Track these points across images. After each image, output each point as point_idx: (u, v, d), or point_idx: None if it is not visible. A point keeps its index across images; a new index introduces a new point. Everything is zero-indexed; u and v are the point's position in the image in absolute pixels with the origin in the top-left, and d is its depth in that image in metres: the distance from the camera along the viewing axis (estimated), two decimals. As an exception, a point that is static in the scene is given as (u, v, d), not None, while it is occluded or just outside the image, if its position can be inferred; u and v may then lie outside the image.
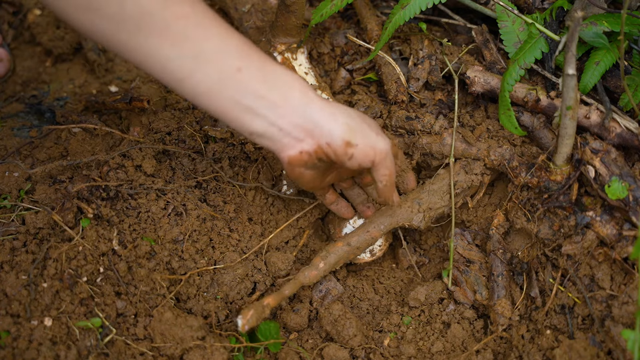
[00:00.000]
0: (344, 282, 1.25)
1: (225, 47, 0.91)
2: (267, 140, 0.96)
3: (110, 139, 1.24)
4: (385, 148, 1.00)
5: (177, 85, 0.92)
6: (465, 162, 1.20)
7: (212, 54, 0.90)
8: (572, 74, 0.95)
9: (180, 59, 0.89)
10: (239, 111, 0.93)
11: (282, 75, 0.95)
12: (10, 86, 1.40)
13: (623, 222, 1.06)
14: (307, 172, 1.01)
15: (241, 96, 0.92)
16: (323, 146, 0.96)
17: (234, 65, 0.91)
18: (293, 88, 0.95)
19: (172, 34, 0.88)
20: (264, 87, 0.92)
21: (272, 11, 1.33)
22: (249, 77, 0.92)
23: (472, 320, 1.18)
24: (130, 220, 1.13)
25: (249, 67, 0.92)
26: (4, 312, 1.00)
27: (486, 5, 1.29)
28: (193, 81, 0.90)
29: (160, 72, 0.91)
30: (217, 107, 0.93)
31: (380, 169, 1.02)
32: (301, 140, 0.95)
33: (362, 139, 0.97)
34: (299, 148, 0.96)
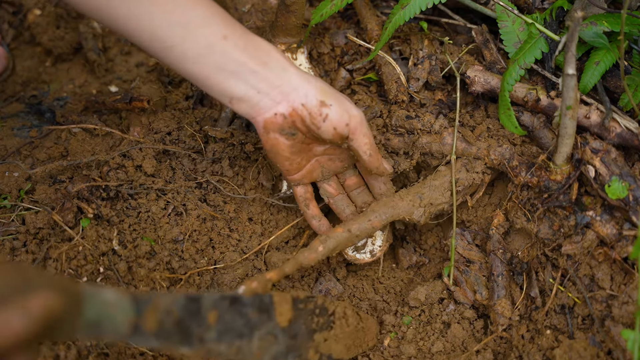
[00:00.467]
0: (344, 282, 1.25)
1: (212, 15, 0.96)
2: (246, 104, 0.99)
3: (110, 139, 1.24)
4: (359, 113, 1.04)
5: (166, 53, 0.95)
6: (466, 160, 1.20)
7: (201, 22, 0.94)
8: (572, 73, 0.95)
9: (170, 27, 0.92)
10: (223, 77, 0.97)
11: (262, 44, 1.00)
12: (10, 86, 1.39)
13: (623, 222, 1.06)
14: (282, 141, 1.03)
15: (226, 62, 0.96)
16: (298, 109, 0.99)
17: (221, 33, 0.95)
18: (271, 56, 0.99)
19: (161, 2, 0.92)
20: (246, 54, 0.96)
21: (272, 11, 1.33)
22: (234, 44, 0.96)
23: (472, 320, 1.18)
24: (130, 220, 1.13)
25: (233, 35, 0.96)
26: (4, 312, 1.00)
27: (486, 5, 1.29)
28: (182, 48, 0.94)
29: (149, 40, 0.94)
30: (202, 73, 0.96)
31: (358, 136, 1.04)
32: (277, 103, 0.99)
33: (335, 101, 1.01)
34: (274, 110, 0.99)
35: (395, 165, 1.23)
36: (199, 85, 1.00)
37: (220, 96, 1.00)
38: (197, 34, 0.94)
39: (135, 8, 0.91)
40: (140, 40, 0.94)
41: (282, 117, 1.00)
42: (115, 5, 0.90)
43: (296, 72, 1.00)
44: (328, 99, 1.00)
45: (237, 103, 1.00)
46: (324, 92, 1.01)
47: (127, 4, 0.90)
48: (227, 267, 1.16)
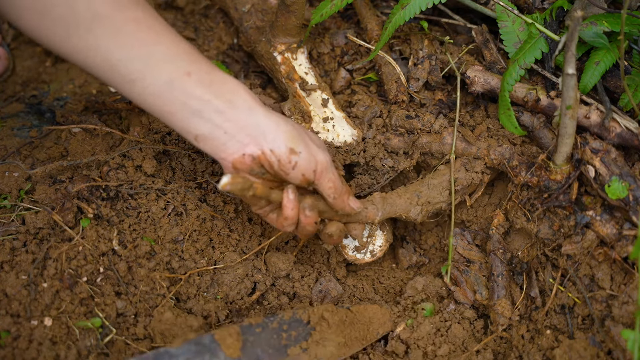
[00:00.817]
0: (344, 282, 1.25)
1: (176, 51, 0.93)
2: (212, 143, 0.96)
3: (110, 139, 1.24)
4: (325, 159, 1.02)
5: (127, 87, 0.93)
6: (466, 159, 1.20)
7: (163, 57, 0.92)
8: (572, 73, 0.95)
9: (131, 62, 0.90)
10: (186, 114, 0.94)
11: (229, 82, 0.97)
12: (10, 86, 1.39)
13: (623, 222, 1.06)
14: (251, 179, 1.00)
15: (189, 99, 0.93)
16: (267, 153, 0.97)
17: (184, 69, 0.93)
18: (238, 94, 0.97)
19: (123, 36, 0.90)
20: (210, 92, 0.94)
21: (272, 11, 1.33)
22: (198, 81, 0.93)
23: (472, 320, 1.18)
24: (130, 220, 1.13)
25: (197, 72, 0.94)
26: (4, 312, 1.00)
27: (486, 5, 1.29)
28: (144, 83, 0.92)
29: (109, 74, 0.92)
30: (165, 110, 0.94)
31: (323, 181, 1.02)
32: (246, 145, 0.96)
33: (304, 148, 0.99)
34: (242, 151, 0.97)
35: (395, 165, 1.23)
36: (163, 121, 0.97)
37: (184, 133, 0.97)
38: (159, 69, 0.91)
39: (95, 41, 0.89)
40: (100, 73, 0.92)
41: (250, 158, 0.97)
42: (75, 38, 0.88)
43: (264, 113, 0.97)
44: (297, 145, 0.98)
45: (202, 141, 0.97)
46: (293, 139, 0.98)
47: (86, 36, 0.88)
48: (227, 267, 1.16)
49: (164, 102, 0.93)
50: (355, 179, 1.25)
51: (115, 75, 0.91)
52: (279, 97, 1.34)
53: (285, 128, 0.98)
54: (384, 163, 1.23)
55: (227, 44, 1.44)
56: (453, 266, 1.20)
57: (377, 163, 1.23)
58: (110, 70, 0.91)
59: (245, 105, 0.96)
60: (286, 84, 1.26)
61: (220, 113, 0.95)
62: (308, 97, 1.25)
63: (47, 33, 0.89)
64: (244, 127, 0.96)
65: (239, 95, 0.97)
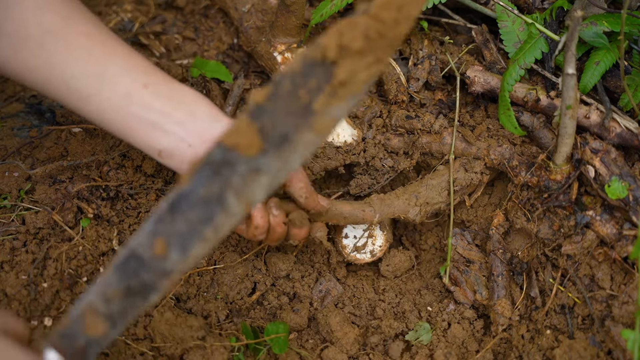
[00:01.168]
0: (344, 282, 1.25)
1: (131, 64, 0.91)
2: (177, 158, 0.93)
3: (110, 139, 1.24)
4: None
5: (84, 104, 0.90)
6: (465, 160, 1.20)
7: (119, 71, 0.90)
8: (572, 73, 0.95)
9: (85, 77, 0.88)
10: (147, 128, 0.91)
11: (188, 93, 0.94)
12: (10, 86, 1.39)
13: (623, 222, 1.06)
14: None
15: (148, 113, 0.90)
16: None
17: (141, 82, 0.90)
18: (199, 105, 0.93)
19: (75, 51, 0.88)
20: (170, 104, 0.91)
21: (272, 11, 1.33)
22: (156, 93, 0.90)
23: (472, 320, 1.18)
24: (130, 220, 1.13)
25: (155, 84, 0.91)
26: (4, 312, 1.00)
27: (486, 5, 1.29)
28: (100, 99, 0.89)
29: (65, 91, 0.89)
30: (125, 126, 0.91)
31: (294, 182, 1.01)
32: None
33: None
34: None
35: (395, 165, 1.23)
36: (124, 139, 0.94)
37: (147, 149, 0.93)
38: (115, 83, 0.89)
39: (48, 57, 0.87)
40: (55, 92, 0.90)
41: None
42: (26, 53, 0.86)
43: (226, 122, 0.94)
44: None
45: (166, 157, 0.93)
46: None
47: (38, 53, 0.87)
48: (227, 267, 1.16)
49: (122, 118, 0.90)
50: (355, 179, 1.25)
51: (71, 93, 0.89)
52: (279, 97, 1.33)
53: None
54: (383, 163, 1.23)
55: (227, 44, 1.44)
56: (453, 266, 1.20)
57: (377, 163, 1.23)
58: (66, 88, 0.89)
59: (207, 116, 0.93)
60: (286, 84, 1.26)
61: (181, 125, 0.91)
62: (308, 97, 1.25)
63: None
64: (208, 139, 0.92)
65: (200, 106, 0.93)
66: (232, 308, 1.16)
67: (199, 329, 1.06)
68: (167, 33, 1.43)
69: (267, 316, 1.19)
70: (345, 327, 1.15)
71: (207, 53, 1.42)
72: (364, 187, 1.24)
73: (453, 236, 1.23)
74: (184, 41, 1.42)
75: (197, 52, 1.41)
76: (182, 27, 1.46)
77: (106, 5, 1.44)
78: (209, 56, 1.41)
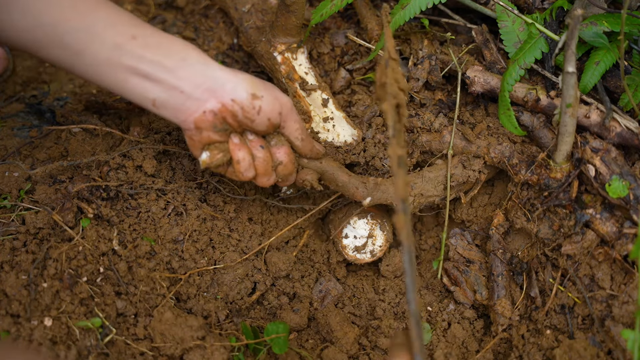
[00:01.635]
0: (344, 282, 1.25)
1: (118, 17, 0.93)
2: (171, 107, 0.95)
3: (111, 139, 1.24)
4: (288, 100, 1.01)
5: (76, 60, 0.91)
6: (464, 156, 1.20)
7: (106, 23, 0.91)
8: (572, 71, 0.96)
9: (75, 32, 0.89)
10: (139, 79, 0.93)
11: (176, 41, 0.96)
12: (10, 86, 1.39)
13: (623, 220, 1.06)
14: (216, 137, 0.99)
15: (139, 63, 0.92)
16: (228, 104, 0.95)
17: (129, 33, 0.92)
18: (188, 52, 0.95)
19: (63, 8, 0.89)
20: (160, 53, 0.93)
21: (272, 11, 1.33)
22: (145, 44, 0.92)
23: (472, 320, 1.18)
24: (130, 220, 1.13)
25: (143, 35, 0.93)
26: (4, 312, 1.00)
27: (486, 5, 1.29)
28: (91, 52, 0.90)
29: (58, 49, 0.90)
30: (118, 78, 0.93)
31: (289, 123, 1.01)
32: (205, 100, 0.95)
33: (266, 91, 0.97)
34: (202, 108, 0.95)
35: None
36: (119, 93, 0.95)
37: (141, 100, 0.95)
38: (103, 36, 0.90)
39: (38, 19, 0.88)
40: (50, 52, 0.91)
41: (212, 114, 0.95)
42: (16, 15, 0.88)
43: (219, 66, 0.96)
44: (259, 90, 0.96)
45: (160, 106, 0.95)
46: (253, 84, 0.97)
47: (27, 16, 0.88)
48: (227, 267, 1.16)
49: (115, 70, 0.92)
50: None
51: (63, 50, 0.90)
52: (279, 97, 1.34)
53: (243, 76, 0.97)
54: (384, 162, 1.23)
55: (227, 44, 1.44)
56: (453, 266, 1.20)
57: (377, 162, 1.23)
58: (57, 46, 0.90)
59: (199, 61, 0.95)
60: (286, 84, 1.26)
61: (173, 73, 0.93)
62: (308, 97, 1.25)
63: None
64: (201, 83, 0.94)
65: (189, 52, 0.95)
66: (232, 308, 1.16)
67: (199, 329, 1.06)
68: (167, 33, 1.43)
69: (267, 316, 1.19)
70: (345, 327, 1.15)
71: (207, 53, 1.42)
72: (364, 187, 1.24)
73: (453, 236, 1.23)
74: (184, 41, 1.42)
75: (197, 52, 1.41)
76: (182, 27, 1.45)
77: (106, 6, 1.44)
78: (209, 56, 1.41)
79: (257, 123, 0.98)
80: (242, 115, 0.97)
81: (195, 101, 0.95)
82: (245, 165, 1.01)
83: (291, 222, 1.25)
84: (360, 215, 1.22)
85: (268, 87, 0.99)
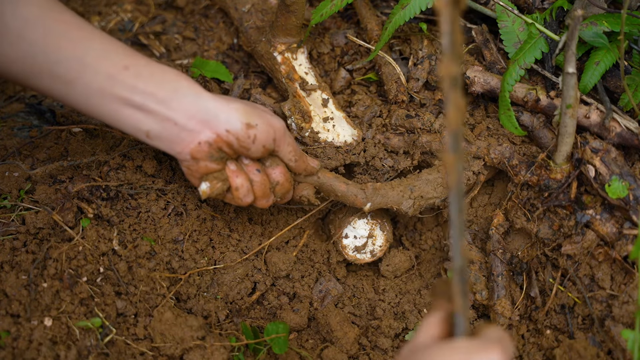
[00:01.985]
0: (344, 282, 1.25)
1: (110, 46, 0.93)
2: (166, 139, 0.95)
3: (110, 139, 1.24)
4: (280, 124, 1.01)
5: (68, 90, 0.91)
6: (464, 157, 1.20)
7: (99, 53, 0.91)
8: (572, 72, 0.96)
9: (67, 61, 0.89)
10: (132, 110, 0.93)
11: (169, 71, 0.95)
12: (10, 86, 1.39)
13: (623, 221, 1.06)
14: (213, 166, 0.99)
15: (132, 94, 0.92)
16: (222, 135, 0.95)
17: (121, 63, 0.91)
18: (180, 82, 0.95)
19: (55, 37, 0.89)
20: (152, 83, 0.92)
21: (272, 11, 1.33)
22: (137, 74, 0.92)
23: (472, 320, 1.18)
24: (130, 220, 1.13)
25: (136, 65, 0.92)
26: (4, 312, 1.00)
27: (486, 5, 1.29)
28: (83, 82, 0.90)
29: (49, 79, 0.90)
30: (110, 109, 0.92)
31: (283, 146, 1.02)
32: (199, 132, 0.95)
33: (259, 119, 0.98)
34: (197, 139, 0.95)
35: (395, 164, 1.23)
36: (112, 124, 0.95)
37: (135, 132, 0.95)
38: (96, 66, 0.90)
39: (29, 48, 0.88)
40: (41, 83, 0.91)
41: (207, 145, 0.96)
42: (6, 47, 0.87)
43: (210, 96, 0.96)
44: (252, 119, 0.97)
45: (155, 138, 0.95)
46: (246, 113, 0.97)
47: (19, 44, 0.87)
48: (227, 267, 1.16)
49: (107, 101, 0.92)
50: (355, 179, 1.25)
51: (54, 80, 0.90)
52: (279, 97, 1.34)
53: (236, 105, 0.97)
54: (384, 163, 1.23)
55: (227, 44, 1.44)
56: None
57: (377, 163, 1.23)
58: (49, 75, 0.90)
59: (191, 91, 0.95)
60: (286, 84, 1.26)
61: (166, 104, 0.93)
62: (308, 97, 1.25)
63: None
64: (194, 114, 0.94)
65: (182, 83, 0.95)
66: (232, 308, 1.16)
67: (199, 329, 1.06)
68: (167, 33, 1.43)
69: (267, 316, 1.19)
70: (345, 327, 1.15)
71: (207, 53, 1.42)
72: (364, 187, 1.24)
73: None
74: (184, 41, 1.43)
75: (197, 52, 1.41)
76: (182, 27, 1.46)
77: (106, 5, 1.44)
78: (209, 56, 1.41)
79: (252, 151, 0.99)
80: (237, 145, 0.97)
81: (189, 133, 0.95)
82: (244, 191, 1.02)
83: (291, 222, 1.25)
84: (361, 216, 1.22)
85: (261, 113, 0.99)
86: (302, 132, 1.21)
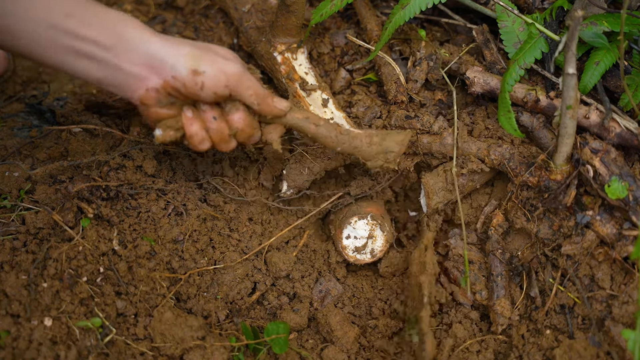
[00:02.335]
0: (344, 282, 1.25)
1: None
2: (117, 86, 0.93)
3: (111, 139, 1.24)
4: (236, 69, 0.96)
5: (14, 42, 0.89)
6: (462, 161, 1.20)
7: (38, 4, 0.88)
8: (572, 73, 0.95)
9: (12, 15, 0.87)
10: (79, 59, 0.90)
11: (115, 15, 0.92)
12: (10, 86, 1.39)
13: (623, 222, 1.06)
14: (164, 112, 0.97)
15: (76, 42, 0.89)
16: (170, 81, 0.93)
17: (62, 12, 0.88)
18: (127, 26, 0.92)
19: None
20: (96, 30, 0.90)
21: (272, 11, 1.33)
22: (80, 22, 0.89)
23: (473, 320, 1.18)
24: (130, 220, 1.13)
25: (78, 12, 0.89)
26: (4, 312, 1.00)
27: (486, 5, 1.29)
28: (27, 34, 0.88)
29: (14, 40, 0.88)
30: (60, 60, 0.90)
31: (241, 91, 0.98)
32: (146, 78, 0.93)
33: (209, 66, 0.94)
34: (145, 86, 0.93)
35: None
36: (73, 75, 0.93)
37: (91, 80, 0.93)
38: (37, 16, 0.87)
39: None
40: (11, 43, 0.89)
41: (155, 91, 0.94)
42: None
43: (159, 40, 0.93)
44: (199, 65, 0.93)
45: (108, 85, 0.93)
46: (194, 58, 0.93)
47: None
48: (227, 267, 1.16)
49: (55, 51, 0.89)
50: (355, 180, 1.25)
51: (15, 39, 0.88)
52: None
53: (185, 50, 0.94)
54: (384, 163, 1.23)
55: (227, 44, 1.44)
56: (453, 266, 1.20)
57: (377, 163, 1.23)
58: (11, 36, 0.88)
59: (136, 36, 0.92)
60: (286, 84, 1.26)
61: (110, 51, 0.91)
62: (308, 97, 1.25)
63: None
64: (140, 60, 0.92)
65: (127, 27, 0.92)
66: (232, 308, 1.16)
67: (199, 329, 1.06)
68: (167, 33, 1.43)
69: (267, 316, 1.19)
70: (345, 327, 1.15)
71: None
72: (364, 188, 1.24)
73: (453, 236, 1.23)
74: (184, 41, 1.42)
75: (197, 52, 1.41)
76: (182, 27, 1.45)
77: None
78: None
79: (203, 97, 0.96)
80: (185, 92, 0.95)
81: (136, 79, 0.93)
82: (199, 139, 1.00)
83: (291, 223, 1.25)
84: (361, 216, 1.22)
85: (213, 58, 0.95)
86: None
